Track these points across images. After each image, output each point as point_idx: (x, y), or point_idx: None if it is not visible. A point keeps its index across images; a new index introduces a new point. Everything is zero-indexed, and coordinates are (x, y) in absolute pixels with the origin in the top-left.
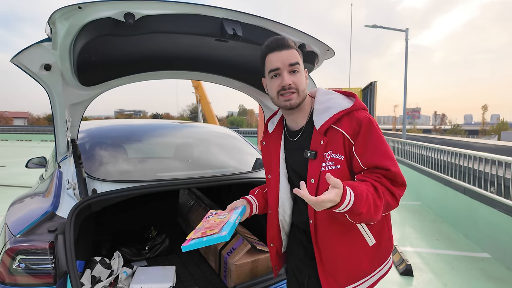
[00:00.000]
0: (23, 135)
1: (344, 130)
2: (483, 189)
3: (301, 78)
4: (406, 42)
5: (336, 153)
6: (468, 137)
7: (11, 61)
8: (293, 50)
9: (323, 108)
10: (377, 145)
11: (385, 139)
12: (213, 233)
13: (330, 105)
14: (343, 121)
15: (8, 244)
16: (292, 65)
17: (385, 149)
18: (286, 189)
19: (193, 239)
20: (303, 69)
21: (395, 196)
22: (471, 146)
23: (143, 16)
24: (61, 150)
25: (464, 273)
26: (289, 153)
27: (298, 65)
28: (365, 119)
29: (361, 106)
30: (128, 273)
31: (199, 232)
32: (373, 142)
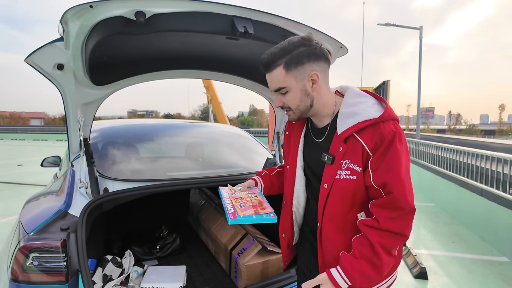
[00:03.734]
0: (40, 135)
1: (365, 142)
2: (502, 191)
3: (291, 97)
4: (420, 40)
5: (354, 163)
6: (485, 137)
7: (25, 61)
8: (276, 70)
9: (349, 113)
10: (391, 164)
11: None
12: (264, 212)
13: (356, 110)
14: (366, 132)
15: (22, 242)
16: (277, 90)
17: (397, 170)
18: (301, 182)
19: (244, 215)
20: (294, 85)
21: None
22: (488, 146)
23: (154, 14)
24: (74, 149)
25: (482, 277)
26: (308, 149)
27: (284, 88)
28: (389, 135)
29: (391, 117)
30: (139, 272)
31: (251, 210)
32: (388, 160)
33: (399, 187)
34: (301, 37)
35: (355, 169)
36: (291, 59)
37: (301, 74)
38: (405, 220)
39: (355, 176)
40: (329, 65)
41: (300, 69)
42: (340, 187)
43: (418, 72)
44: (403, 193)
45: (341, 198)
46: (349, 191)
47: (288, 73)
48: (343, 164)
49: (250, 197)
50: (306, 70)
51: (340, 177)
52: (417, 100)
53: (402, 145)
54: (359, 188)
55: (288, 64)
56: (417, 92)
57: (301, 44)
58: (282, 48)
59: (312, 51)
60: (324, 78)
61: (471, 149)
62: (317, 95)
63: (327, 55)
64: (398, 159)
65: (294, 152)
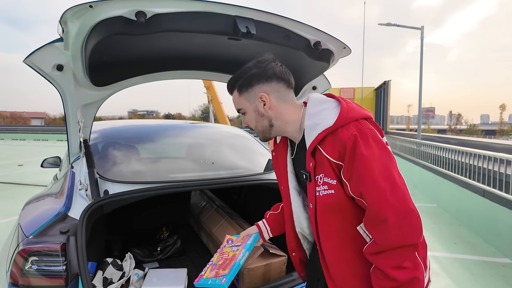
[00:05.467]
0: (40, 135)
1: (328, 153)
2: (504, 192)
3: (248, 118)
4: (421, 40)
5: (327, 177)
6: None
7: (24, 61)
8: (234, 94)
9: (311, 125)
10: (361, 172)
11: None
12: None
13: (317, 120)
14: (326, 142)
15: (21, 245)
16: (238, 111)
17: (370, 178)
18: (298, 203)
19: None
20: (248, 107)
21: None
22: (490, 147)
23: (154, 14)
24: (74, 150)
25: (484, 279)
26: (297, 167)
27: (241, 110)
28: (350, 140)
29: (349, 119)
30: (139, 275)
31: (213, 272)
32: (357, 168)
33: (375, 197)
34: (257, 60)
35: (331, 182)
36: (243, 83)
37: (252, 96)
38: (399, 231)
39: (332, 189)
40: (286, 83)
41: (250, 91)
42: (323, 204)
43: (419, 72)
44: (382, 201)
45: (328, 215)
46: (333, 206)
47: (241, 95)
48: (319, 180)
49: (232, 251)
50: (256, 92)
51: (320, 194)
52: (418, 100)
53: (370, 146)
54: (342, 201)
55: (240, 87)
56: (418, 92)
57: (253, 67)
58: (238, 72)
59: (262, 73)
60: (280, 97)
61: (473, 150)
62: (275, 114)
63: (280, 75)
64: (367, 164)
65: (284, 174)
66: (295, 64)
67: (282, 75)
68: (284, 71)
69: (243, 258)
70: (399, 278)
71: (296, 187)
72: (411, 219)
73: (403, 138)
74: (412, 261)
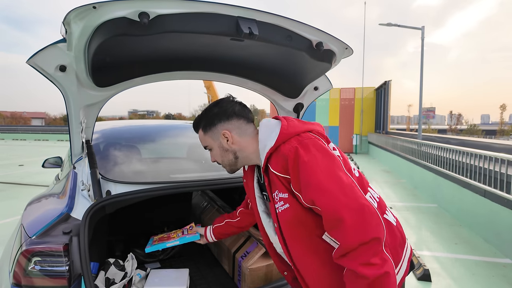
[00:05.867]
0: (41, 135)
1: (275, 170)
2: (505, 192)
3: (214, 154)
4: (422, 40)
5: (281, 192)
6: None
7: (27, 62)
8: (199, 133)
9: (262, 148)
10: (307, 179)
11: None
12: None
13: (266, 143)
14: (272, 160)
15: (24, 245)
16: (205, 148)
17: (316, 183)
18: (269, 224)
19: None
20: (213, 144)
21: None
22: (491, 147)
23: (157, 15)
24: (76, 151)
25: (485, 279)
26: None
27: (207, 147)
28: (291, 153)
29: (289, 135)
30: (141, 276)
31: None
32: (302, 177)
33: (325, 199)
34: (218, 100)
35: (285, 197)
36: (206, 122)
37: (215, 133)
38: (358, 228)
39: (288, 203)
40: (246, 119)
41: (213, 129)
42: (284, 220)
43: (420, 72)
44: (333, 202)
45: (291, 230)
46: (293, 220)
47: (206, 134)
48: (275, 197)
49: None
50: (218, 130)
51: (279, 210)
52: (419, 101)
53: (311, 153)
54: (300, 213)
55: (204, 127)
56: (419, 93)
57: (214, 106)
58: (202, 113)
59: (223, 112)
60: (241, 132)
61: (473, 150)
62: (238, 147)
63: (239, 113)
64: (311, 170)
65: (253, 200)
66: (297, 64)
67: (241, 113)
68: (242, 109)
69: (171, 243)
70: (369, 275)
71: (265, 210)
72: (365, 213)
73: (404, 138)
74: (380, 257)
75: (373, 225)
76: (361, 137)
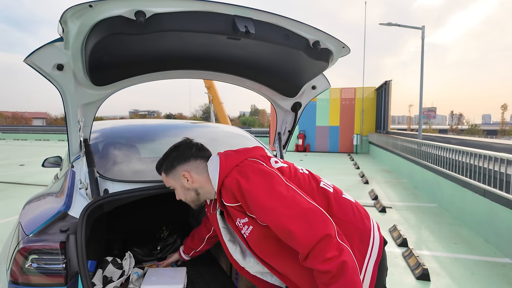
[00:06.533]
0: (42, 135)
1: (227, 202)
2: (505, 192)
3: (178, 193)
4: (422, 40)
5: (240, 217)
6: (487, 137)
7: (24, 61)
8: (162, 175)
9: (214, 184)
10: (252, 202)
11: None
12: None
13: (213, 181)
14: (223, 194)
15: (21, 243)
16: (168, 188)
17: (259, 203)
18: (236, 250)
19: None
20: (175, 184)
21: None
22: (491, 146)
23: (154, 14)
24: (74, 150)
25: (485, 279)
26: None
27: (170, 187)
28: (233, 184)
29: (228, 169)
30: (139, 274)
31: None
32: (248, 201)
33: (272, 218)
34: (176, 144)
35: (246, 221)
36: (166, 165)
37: (176, 175)
38: (307, 231)
39: (251, 226)
40: (204, 158)
41: (174, 171)
42: (253, 241)
43: (420, 71)
44: (277, 218)
45: (264, 247)
46: (260, 237)
47: (168, 176)
48: (238, 224)
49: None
50: (178, 171)
51: (246, 235)
52: (419, 100)
53: (250, 179)
54: (263, 230)
55: (166, 170)
56: (419, 92)
57: (173, 151)
58: (162, 156)
59: (181, 155)
60: (199, 171)
61: (473, 150)
62: (198, 185)
63: (196, 154)
64: (254, 195)
65: (218, 231)
66: (294, 63)
67: (198, 154)
68: (199, 150)
69: None
70: (330, 269)
71: (231, 238)
72: (309, 217)
73: (404, 138)
74: (335, 248)
75: (320, 224)
76: (361, 137)
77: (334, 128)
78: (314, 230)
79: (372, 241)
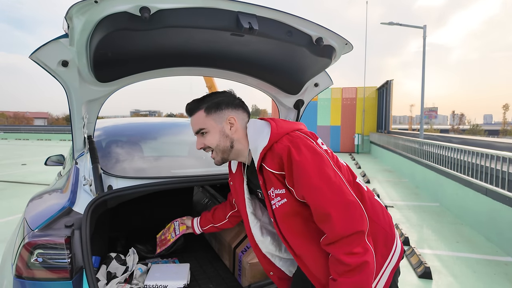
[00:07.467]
0: (43, 135)
1: (270, 168)
2: (507, 190)
3: (210, 138)
4: (423, 39)
5: (276, 188)
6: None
7: (30, 57)
8: (198, 114)
9: (254, 148)
10: (300, 177)
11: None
12: None
13: (256, 143)
14: (267, 158)
15: (26, 238)
16: (197, 132)
17: (307, 181)
18: (256, 225)
19: None
20: (214, 128)
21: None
22: (493, 145)
23: (158, 10)
24: (78, 146)
25: (487, 277)
26: (252, 191)
27: (203, 129)
28: (284, 152)
29: (280, 134)
30: (142, 270)
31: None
32: (295, 174)
33: (314, 196)
34: (221, 91)
35: (281, 193)
36: (211, 104)
37: (220, 117)
38: (344, 221)
39: (285, 199)
40: (248, 115)
41: (219, 113)
42: (281, 214)
43: (421, 71)
44: (322, 199)
45: (288, 222)
46: (290, 212)
47: (208, 116)
48: (271, 194)
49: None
50: (224, 114)
51: (276, 206)
52: (420, 100)
53: (302, 153)
54: (296, 205)
55: (208, 108)
56: (421, 92)
57: (220, 93)
58: (203, 97)
59: (231, 100)
60: (243, 124)
61: (475, 148)
62: (237, 137)
63: (244, 107)
64: (303, 170)
65: (242, 200)
66: (297, 60)
67: (246, 108)
68: (244, 104)
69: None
70: (351, 263)
71: (253, 212)
72: (351, 209)
73: (405, 138)
74: (362, 246)
75: (357, 219)
76: (363, 137)
77: (336, 128)
78: (351, 223)
79: (395, 248)
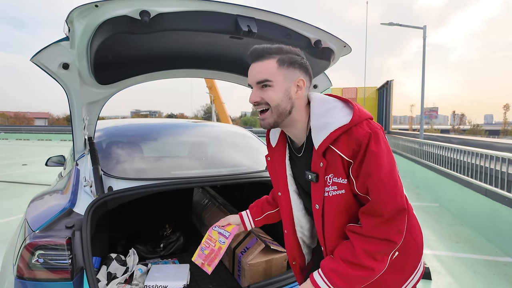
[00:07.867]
0: (44, 135)
1: (342, 152)
2: (506, 191)
3: (272, 93)
4: (424, 39)
5: (338, 177)
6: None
7: (31, 60)
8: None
9: (321, 125)
10: (370, 169)
11: (386, 156)
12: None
13: (327, 120)
14: (340, 140)
15: (27, 239)
16: (260, 82)
17: (377, 175)
18: (299, 206)
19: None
20: (281, 83)
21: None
22: (493, 146)
23: (158, 13)
24: (79, 148)
25: (486, 277)
26: (296, 169)
27: (269, 81)
28: (365, 138)
29: (362, 118)
30: (143, 270)
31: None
32: (367, 165)
33: (379, 193)
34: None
35: (341, 182)
36: (286, 58)
37: (291, 75)
38: (388, 226)
39: (343, 189)
40: (311, 86)
41: (291, 70)
42: (332, 205)
43: (422, 72)
44: (384, 199)
45: (336, 215)
46: (342, 206)
47: (280, 68)
48: (328, 180)
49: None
50: (296, 74)
51: (329, 194)
52: (420, 100)
53: (380, 145)
54: (350, 200)
55: (282, 61)
56: (421, 92)
57: (296, 53)
58: (278, 46)
59: (304, 64)
60: (306, 94)
61: (475, 149)
62: (298, 104)
63: (312, 77)
64: (377, 162)
65: (283, 179)
66: None
67: (312, 79)
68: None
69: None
70: (363, 261)
71: (296, 190)
72: (401, 218)
73: (405, 138)
74: (383, 256)
75: (396, 230)
76: None
77: None
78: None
79: (420, 266)
